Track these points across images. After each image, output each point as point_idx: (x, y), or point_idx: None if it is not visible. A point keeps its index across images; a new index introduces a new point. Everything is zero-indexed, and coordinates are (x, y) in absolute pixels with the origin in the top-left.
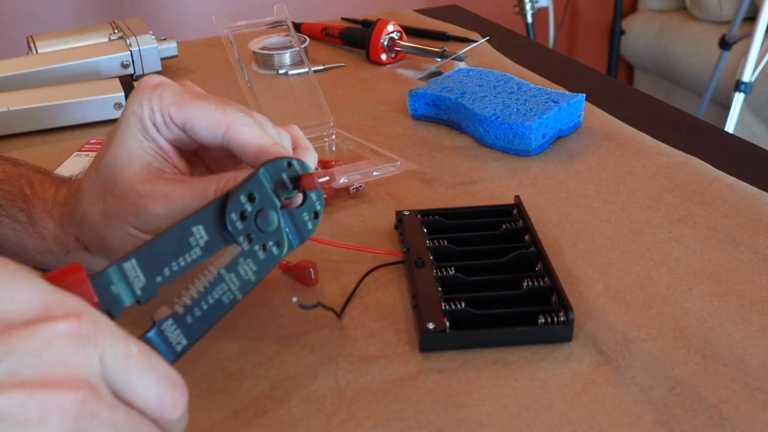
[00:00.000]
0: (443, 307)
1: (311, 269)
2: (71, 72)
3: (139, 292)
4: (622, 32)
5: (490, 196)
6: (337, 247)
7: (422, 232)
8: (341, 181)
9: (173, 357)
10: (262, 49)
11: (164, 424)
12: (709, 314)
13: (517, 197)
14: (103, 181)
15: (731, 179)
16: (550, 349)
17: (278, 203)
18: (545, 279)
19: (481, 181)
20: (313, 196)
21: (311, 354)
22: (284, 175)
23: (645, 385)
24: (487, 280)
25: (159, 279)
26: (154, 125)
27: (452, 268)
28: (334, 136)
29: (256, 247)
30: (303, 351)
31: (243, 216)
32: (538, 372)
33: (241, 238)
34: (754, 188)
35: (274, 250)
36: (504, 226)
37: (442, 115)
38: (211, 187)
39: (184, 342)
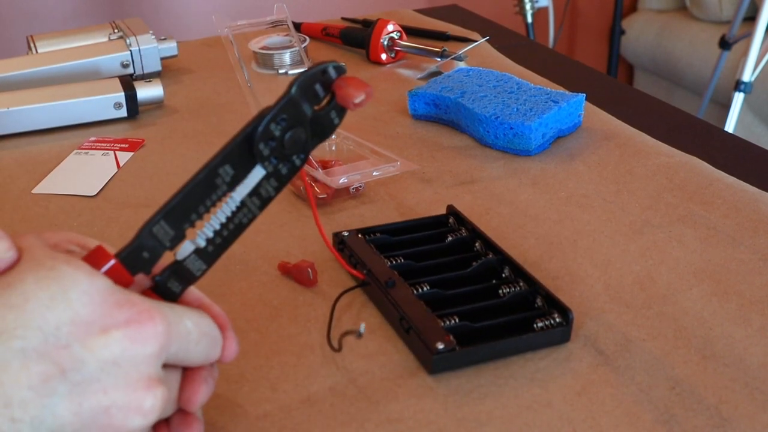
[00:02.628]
0: (442, 325)
1: (310, 269)
2: (71, 72)
3: (168, 244)
4: (622, 32)
5: (490, 196)
6: (328, 247)
7: (374, 252)
8: (341, 181)
9: (192, 281)
10: (262, 48)
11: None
12: (709, 314)
13: (451, 206)
14: None
15: (731, 179)
16: (549, 350)
17: (309, 115)
18: (521, 284)
19: (480, 181)
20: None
21: (312, 355)
22: (317, 86)
23: (645, 385)
24: (466, 292)
25: (186, 225)
26: None
27: (426, 285)
28: (334, 136)
29: (280, 165)
30: (303, 351)
31: (271, 140)
32: (538, 372)
33: (267, 163)
34: (754, 188)
35: (297, 162)
36: (449, 237)
37: (442, 114)
38: None
39: (204, 267)
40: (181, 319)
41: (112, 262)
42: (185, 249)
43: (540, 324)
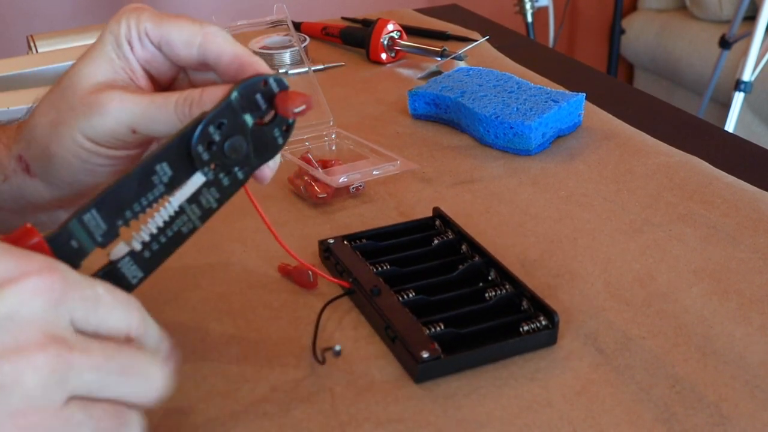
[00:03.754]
0: (427, 333)
1: (310, 272)
2: None
3: (100, 239)
4: (622, 31)
5: (490, 195)
6: (301, 264)
7: (359, 259)
8: (341, 180)
9: (128, 291)
10: (262, 48)
11: (139, 343)
12: (709, 312)
13: (437, 209)
14: (61, 91)
15: (731, 178)
16: (549, 349)
17: (249, 127)
18: (507, 287)
19: (480, 181)
20: None
21: (312, 356)
22: (258, 96)
23: (645, 383)
24: (452, 297)
25: (120, 222)
26: (129, 42)
27: (412, 291)
28: (334, 136)
29: (221, 175)
30: (303, 353)
31: (210, 145)
32: (538, 372)
33: (206, 168)
34: (754, 187)
35: (240, 174)
36: (435, 240)
37: (442, 114)
38: (171, 97)
39: (140, 275)
40: (90, 283)
41: (37, 239)
42: (119, 250)
43: (526, 327)
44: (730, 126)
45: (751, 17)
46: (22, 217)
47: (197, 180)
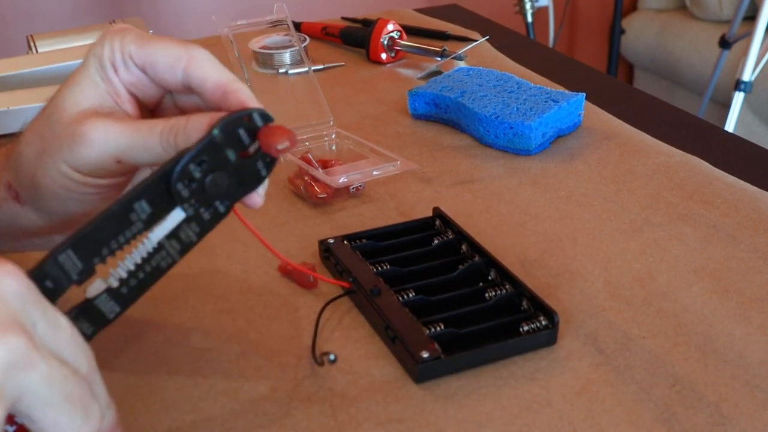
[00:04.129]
0: (427, 333)
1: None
2: (71, 71)
3: (75, 278)
4: (622, 31)
5: (490, 195)
6: (295, 268)
7: (359, 259)
8: (341, 180)
9: (105, 324)
10: (262, 48)
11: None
12: (709, 311)
13: (437, 209)
14: (46, 118)
15: (731, 178)
16: (549, 349)
17: (232, 161)
18: (507, 287)
19: (481, 180)
20: None
21: (311, 356)
22: (241, 131)
23: (645, 383)
24: (452, 297)
25: (97, 260)
26: (113, 65)
27: (412, 291)
28: (334, 135)
29: (202, 210)
30: (303, 352)
31: (190, 182)
32: (538, 372)
33: (187, 205)
34: (754, 187)
35: (221, 208)
36: (435, 240)
37: (442, 114)
38: (156, 127)
39: (117, 309)
40: (54, 309)
41: None
42: (96, 287)
43: (526, 327)
44: (730, 126)
45: (751, 17)
46: (16, 242)
47: (177, 216)
